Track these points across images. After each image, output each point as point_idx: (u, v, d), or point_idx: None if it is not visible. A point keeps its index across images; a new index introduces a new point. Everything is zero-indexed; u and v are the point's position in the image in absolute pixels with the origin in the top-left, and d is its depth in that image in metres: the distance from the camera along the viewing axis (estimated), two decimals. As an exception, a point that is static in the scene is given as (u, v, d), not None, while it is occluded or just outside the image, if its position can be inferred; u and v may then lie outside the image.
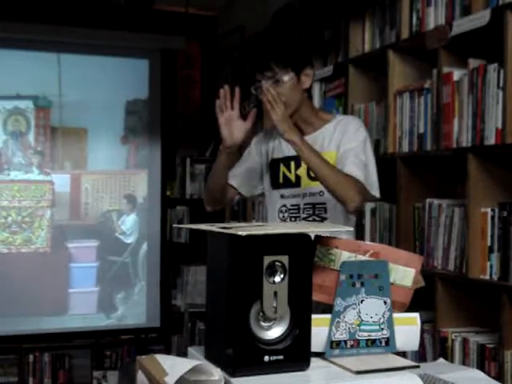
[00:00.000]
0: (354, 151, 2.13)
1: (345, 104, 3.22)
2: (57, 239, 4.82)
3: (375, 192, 2.16)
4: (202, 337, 4.53)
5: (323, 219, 2.19)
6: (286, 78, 2.14)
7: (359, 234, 2.83)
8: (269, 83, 2.12)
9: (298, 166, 2.23)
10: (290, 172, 2.25)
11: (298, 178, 2.23)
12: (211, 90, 5.12)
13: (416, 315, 1.53)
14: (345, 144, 2.15)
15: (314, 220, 2.21)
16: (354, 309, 1.47)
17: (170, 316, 4.98)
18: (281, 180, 2.28)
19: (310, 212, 2.20)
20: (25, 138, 4.76)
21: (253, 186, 2.38)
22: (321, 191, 2.17)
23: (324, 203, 2.18)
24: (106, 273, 4.94)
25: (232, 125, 2.12)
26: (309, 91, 2.26)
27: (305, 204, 2.21)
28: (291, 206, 2.24)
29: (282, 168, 2.27)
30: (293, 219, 2.24)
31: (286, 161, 2.27)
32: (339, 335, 1.46)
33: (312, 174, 2.15)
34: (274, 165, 2.32)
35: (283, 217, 2.26)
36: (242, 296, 1.33)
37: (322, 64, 3.48)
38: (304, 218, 2.21)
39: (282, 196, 2.27)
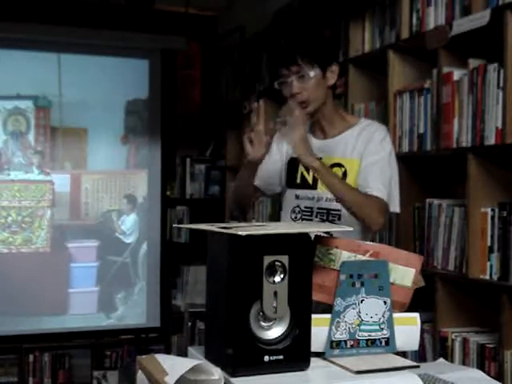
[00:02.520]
0: (379, 165, 2.08)
1: (345, 104, 3.22)
2: (57, 239, 4.82)
3: (395, 208, 2.13)
4: (201, 337, 4.52)
5: None
6: (312, 73, 2.09)
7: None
8: (294, 78, 2.09)
9: None
10: (308, 173, 2.18)
11: (315, 180, 2.16)
12: (211, 89, 5.13)
13: (416, 315, 1.53)
14: (369, 155, 2.10)
15: None
16: (353, 309, 1.47)
17: (170, 316, 4.98)
18: (298, 180, 2.22)
19: (324, 217, 2.14)
20: (25, 138, 4.76)
21: (274, 184, 2.31)
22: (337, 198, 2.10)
23: (339, 210, 2.11)
24: (106, 273, 4.94)
25: (256, 140, 2.03)
26: (333, 90, 2.21)
27: (318, 208, 2.15)
28: (305, 207, 2.18)
29: (301, 168, 2.20)
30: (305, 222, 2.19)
31: None
32: (339, 335, 1.46)
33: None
34: (292, 163, 2.25)
35: (295, 217, 2.20)
36: (242, 296, 1.33)
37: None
38: None
39: (297, 196, 2.22)
